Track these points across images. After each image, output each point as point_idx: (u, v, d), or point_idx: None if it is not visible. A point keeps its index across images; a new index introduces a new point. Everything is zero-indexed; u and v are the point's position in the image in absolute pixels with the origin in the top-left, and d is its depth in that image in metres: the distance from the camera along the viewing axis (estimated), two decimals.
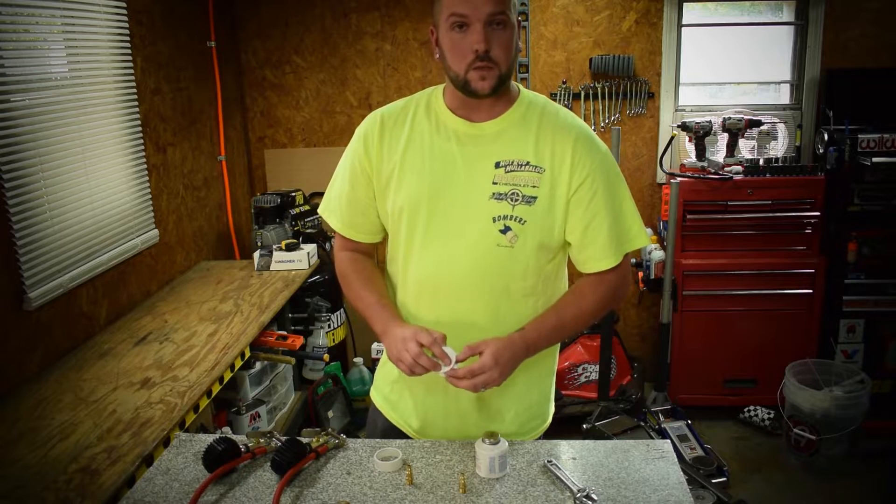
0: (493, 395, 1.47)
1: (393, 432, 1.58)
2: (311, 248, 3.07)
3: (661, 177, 3.63)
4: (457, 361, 1.31)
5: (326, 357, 2.96)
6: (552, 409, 1.60)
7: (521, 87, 1.45)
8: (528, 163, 1.37)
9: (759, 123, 3.37)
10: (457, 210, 1.39)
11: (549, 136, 1.39)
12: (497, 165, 1.38)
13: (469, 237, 1.39)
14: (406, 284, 1.48)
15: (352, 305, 1.54)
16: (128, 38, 2.61)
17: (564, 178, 1.37)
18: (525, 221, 1.37)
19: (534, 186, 1.37)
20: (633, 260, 3.48)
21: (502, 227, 1.37)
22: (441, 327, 1.40)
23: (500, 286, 1.41)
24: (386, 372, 1.59)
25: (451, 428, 1.51)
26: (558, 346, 1.59)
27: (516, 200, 1.37)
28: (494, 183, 1.37)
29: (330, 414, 3.14)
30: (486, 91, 1.34)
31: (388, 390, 1.59)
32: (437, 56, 1.37)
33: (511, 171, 1.37)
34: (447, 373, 1.31)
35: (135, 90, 2.64)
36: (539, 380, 1.54)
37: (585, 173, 1.37)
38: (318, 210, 1.58)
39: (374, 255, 1.61)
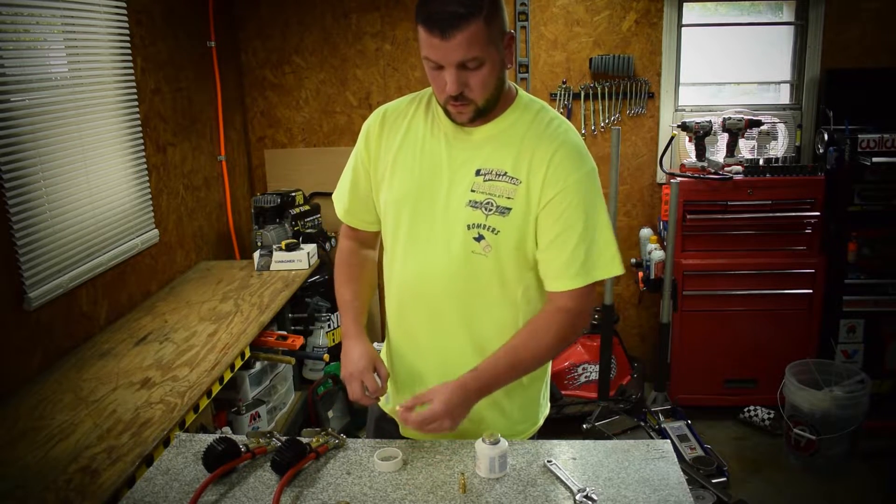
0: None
1: (387, 420, 1.60)
2: (311, 248, 3.07)
3: (661, 177, 3.63)
4: (404, 409, 1.31)
5: (326, 357, 2.96)
6: (544, 412, 1.59)
7: (519, 90, 1.43)
8: (505, 173, 1.36)
9: (759, 123, 3.37)
10: (438, 213, 1.39)
11: (532, 147, 1.35)
12: (477, 173, 1.37)
13: (447, 242, 1.39)
14: (391, 282, 1.50)
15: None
16: (128, 38, 2.61)
17: (537, 189, 1.34)
18: (498, 232, 1.36)
19: (509, 198, 1.35)
20: (633, 260, 3.48)
21: (476, 235, 1.36)
22: (420, 329, 1.44)
23: (476, 293, 1.40)
24: None
25: None
26: None
27: (490, 210, 1.36)
28: (472, 190, 1.37)
29: (330, 414, 3.14)
30: (464, 122, 1.35)
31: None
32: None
33: (489, 180, 1.36)
34: (399, 413, 1.32)
35: (135, 90, 2.64)
36: (519, 387, 1.49)
37: (559, 188, 1.33)
38: (333, 196, 1.62)
39: (376, 245, 1.63)
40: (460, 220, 1.37)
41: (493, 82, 1.30)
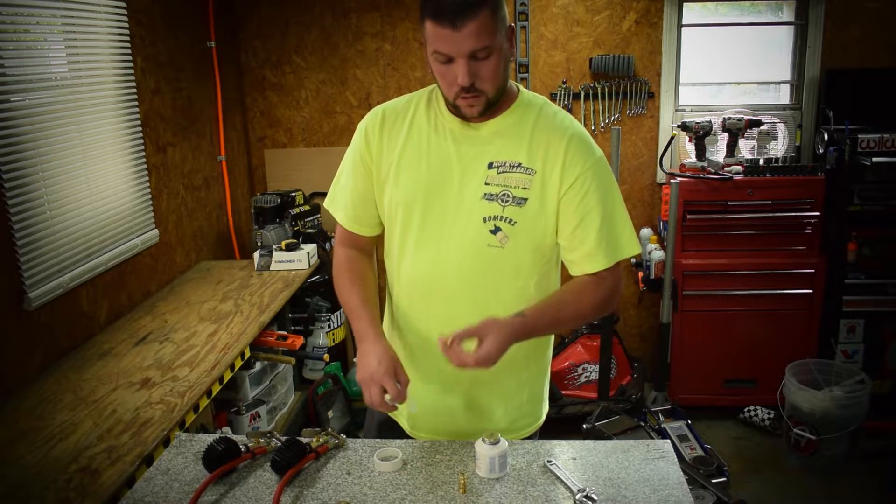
0: (483, 393, 1.49)
1: (388, 425, 1.60)
2: (311, 248, 3.07)
3: (661, 177, 3.63)
4: (453, 341, 1.28)
5: (326, 357, 2.96)
6: (545, 408, 1.61)
7: (520, 87, 1.45)
8: (519, 164, 1.38)
9: (759, 123, 3.37)
10: (450, 209, 1.40)
11: (544, 138, 1.39)
12: (490, 166, 1.38)
13: (461, 236, 1.40)
14: (400, 281, 1.49)
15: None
16: (128, 38, 2.60)
17: (555, 179, 1.37)
18: (515, 223, 1.38)
19: (524, 188, 1.37)
20: (633, 260, 3.48)
21: (492, 228, 1.38)
22: (433, 325, 1.43)
23: (491, 286, 1.41)
24: None
25: (441, 423, 1.52)
26: (551, 345, 1.60)
27: (507, 202, 1.37)
28: (486, 183, 1.38)
29: (330, 414, 3.14)
30: (474, 115, 1.36)
31: None
32: (431, 71, 1.36)
33: (503, 172, 1.38)
34: (445, 348, 1.28)
35: (135, 90, 2.64)
36: (529, 380, 1.54)
37: (577, 174, 1.37)
38: (324, 204, 1.59)
39: (373, 252, 1.61)
40: (476, 214, 1.38)
41: (501, 73, 1.32)
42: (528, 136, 1.39)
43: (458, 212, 1.40)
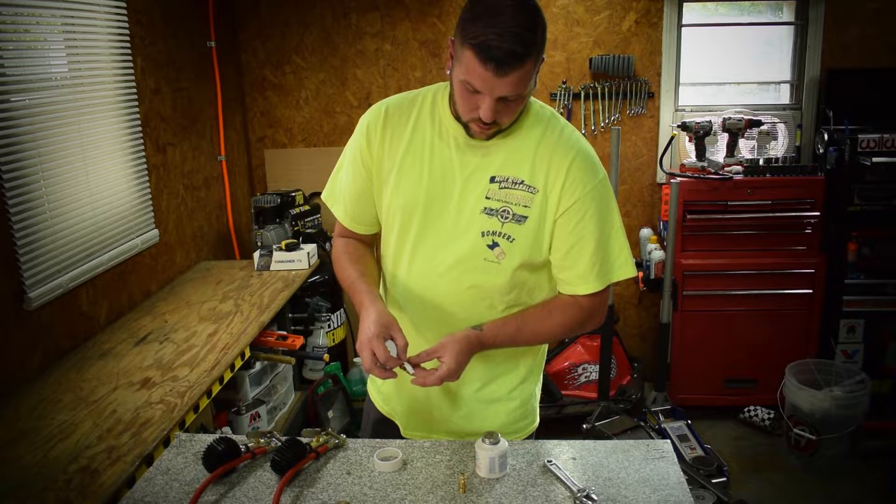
0: (473, 398, 1.50)
1: (384, 423, 1.60)
2: (311, 248, 3.07)
3: (661, 177, 3.63)
4: (413, 365, 1.34)
5: (326, 357, 2.96)
6: (537, 409, 1.61)
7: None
8: (522, 181, 1.36)
9: (759, 123, 3.38)
10: (449, 220, 1.38)
11: (548, 155, 1.36)
12: (492, 180, 1.36)
13: (458, 248, 1.38)
14: (393, 287, 1.48)
15: (342, 287, 1.56)
16: (128, 38, 2.60)
17: (554, 198, 1.35)
18: (513, 239, 1.36)
19: (525, 206, 1.35)
20: (634, 260, 3.47)
21: (490, 243, 1.37)
22: (423, 333, 1.42)
23: (485, 299, 1.41)
24: None
25: (435, 423, 1.53)
26: (546, 350, 1.60)
27: (506, 218, 1.36)
28: (487, 198, 1.36)
29: (330, 414, 3.14)
30: (482, 139, 1.35)
31: (380, 382, 1.62)
32: (448, 72, 1.32)
33: (505, 187, 1.36)
34: (412, 380, 1.34)
35: (135, 90, 2.64)
36: (520, 386, 1.53)
37: (576, 196, 1.34)
38: (322, 196, 1.57)
39: (373, 244, 1.60)
40: (474, 227, 1.37)
41: (518, 110, 1.31)
42: (533, 151, 1.36)
43: (456, 223, 1.38)
